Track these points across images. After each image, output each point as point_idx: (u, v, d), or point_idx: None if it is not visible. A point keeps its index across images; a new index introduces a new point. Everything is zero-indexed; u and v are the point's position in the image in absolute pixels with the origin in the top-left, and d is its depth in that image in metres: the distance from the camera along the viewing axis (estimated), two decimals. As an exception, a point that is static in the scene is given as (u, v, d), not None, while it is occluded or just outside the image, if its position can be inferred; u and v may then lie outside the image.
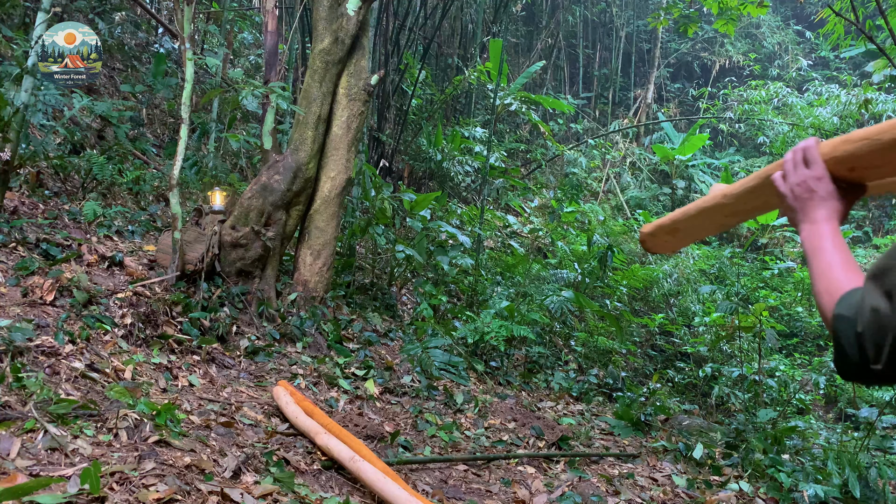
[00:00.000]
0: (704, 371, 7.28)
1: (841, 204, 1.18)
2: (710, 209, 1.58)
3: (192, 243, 5.10)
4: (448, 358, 5.71)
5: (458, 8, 13.31)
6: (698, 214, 1.63)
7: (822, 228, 1.17)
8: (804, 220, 1.20)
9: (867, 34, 4.45)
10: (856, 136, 1.17)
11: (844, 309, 1.01)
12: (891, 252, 1.00)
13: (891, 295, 0.94)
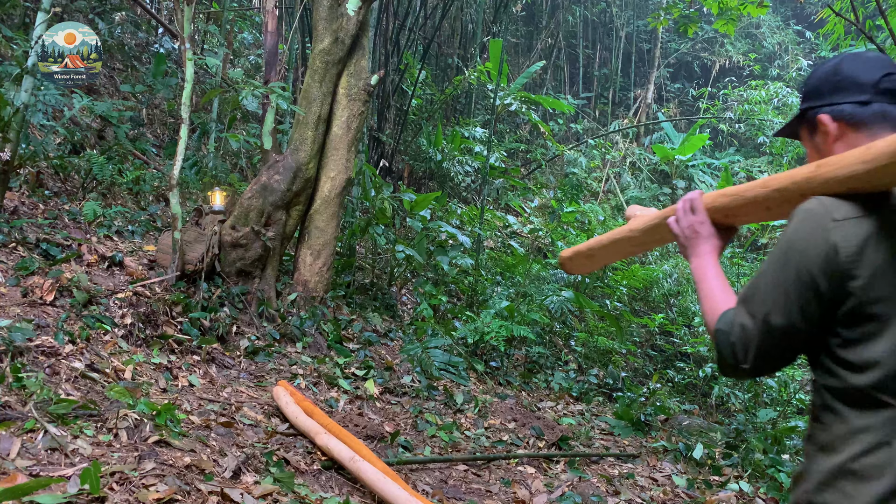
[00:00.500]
0: (704, 371, 7.28)
1: (719, 241, 1.51)
2: (620, 240, 1.89)
3: (192, 243, 5.11)
4: (448, 358, 5.71)
5: (458, 8, 13.31)
6: (610, 244, 1.94)
7: (706, 261, 1.48)
8: (692, 255, 1.52)
9: (867, 34, 4.45)
10: (728, 192, 1.49)
11: (723, 325, 1.32)
12: (754, 280, 1.30)
13: (754, 316, 1.27)
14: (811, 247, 1.22)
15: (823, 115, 1.37)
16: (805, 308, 1.23)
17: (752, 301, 1.29)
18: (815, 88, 1.41)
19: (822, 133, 1.38)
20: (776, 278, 1.26)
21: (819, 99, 1.39)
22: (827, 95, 1.37)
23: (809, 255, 1.22)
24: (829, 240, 1.20)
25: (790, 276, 1.24)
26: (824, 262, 1.20)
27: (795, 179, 1.34)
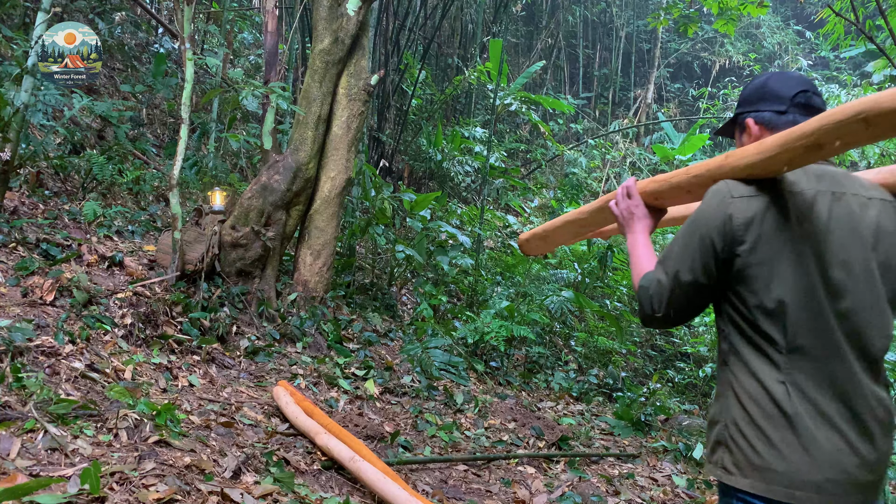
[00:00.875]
0: (704, 371, 7.28)
1: (651, 220, 1.84)
2: (570, 221, 2.22)
3: (192, 243, 5.11)
4: (448, 358, 5.71)
5: (458, 8, 13.31)
6: (562, 225, 2.27)
7: (638, 238, 1.81)
8: (628, 232, 1.84)
9: (867, 34, 4.45)
10: (657, 179, 1.79)
11: (644, 281, 1.63)
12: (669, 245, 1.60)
13: (667, 273, 1.57)
14: (713, 217, 1.51)
15: (749, 119, 1.68)
16: (706, 266, 1.52)
17: (666, 261, 1.59)
18: (746, 98, 1.72)
19: (748, 133, 1.68)
20: (686, 242, 1.56)
21: (748, 106, 1.70)
22: (754, 104, 1.69)
23: (711, 223, 1.51)
24: (727, 211, 1.49)
25: (696, 240, 1.53)
26: (721, 228, 1.49)
27: (709, 167, 1.65)
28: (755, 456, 1.45)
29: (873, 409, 1.46)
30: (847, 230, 1.49)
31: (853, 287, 1.48)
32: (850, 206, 1.51)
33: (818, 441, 1.42)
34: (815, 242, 1.47)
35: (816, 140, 1.37)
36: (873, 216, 1.52)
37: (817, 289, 1.46)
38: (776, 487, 1.43)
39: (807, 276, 1.46)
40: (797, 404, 1.43)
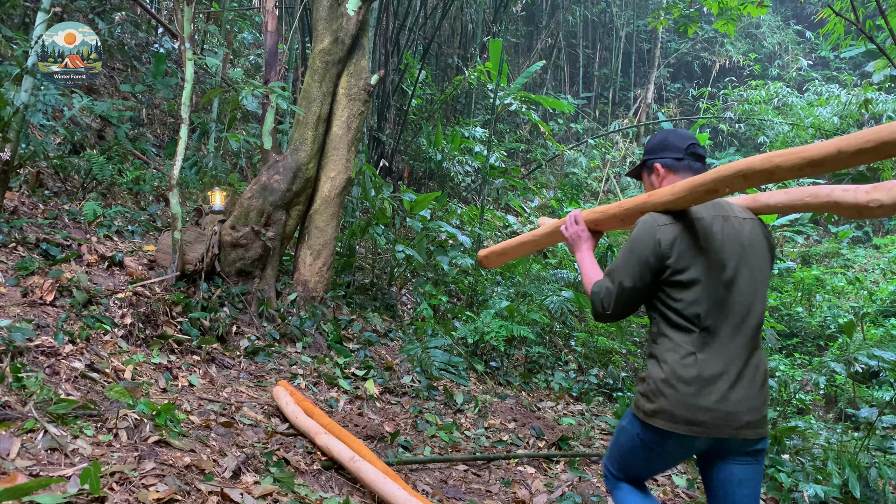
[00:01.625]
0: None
1: (593, 241, 2.44)
2: (525, 242, 2.81)
3: (192, 243, 5.10)
4: (448, 358, 5.71)
5: (458, 8, 13.31)
6: (519, 245, 2.84)
7: (585, 255, 2.40)
8: (577, 251, 2.45)
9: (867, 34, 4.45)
10: (597, 210, 2.41)
11: (595, 287, 2.19)
12: (614, 261, 2.14)
13: (613, 281, 2.13)
14: (646, 241, 2.08)
15: (658, 164, 2.29)
16: (643, 276, 2.09)
17: (613, 273, 2.15)
18: (652, 148, 2.33)
19: (656, 174, 2.30)
20: (627, 258, 2.11)
21: (654, 154, 2.31)
22: (659, 152, 2.30)
23: (645, 245, 2.08)
24: (656, 236, 2.07)
25: (634, 257, 2.09)
26: (654, 249, 2.06)
27: (637, 203, 2.22)
28: (667, 404, 2.05)
29: (755, 368, 2.09)
30: (735, 242, 2.10)
31: (740, 282, 2.08)
32: (734, 225, 2.13)
33: (714, 394, 2.02)
34: (715, 252, 2.06)
35: (713, 187, 1.99)
36: (748, 230, 2.15)
37: (719, 285, 2.05)
38: (680, 425, 2.04)
39: (712, 277, 2.05)
40: (704, 369, 2.03)
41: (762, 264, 2.14)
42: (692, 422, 2.02)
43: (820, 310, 11.04)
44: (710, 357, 2.03)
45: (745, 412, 2.03)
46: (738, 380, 2.04)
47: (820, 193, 2.12)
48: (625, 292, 2.11)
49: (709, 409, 2.01)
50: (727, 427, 2.02)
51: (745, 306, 2.07)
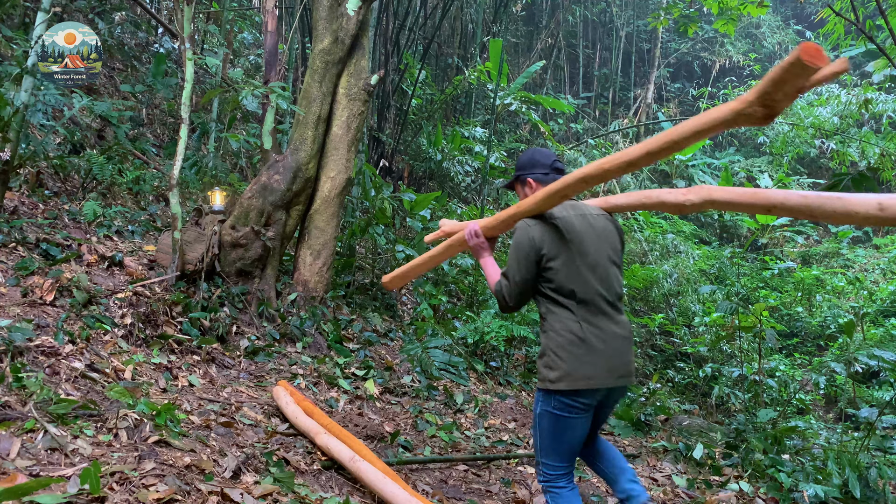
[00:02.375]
0: (704, 371, 7.28)
1: (491, 248, 2.92)
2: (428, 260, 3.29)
3: (192, 243, 5.10)
4: (448, 358, 5.71)
5: (458, 8, 13.31)
6: (422, 263, 3.32)
7: (487, 260, 2.86)
8: (479, 258, 2.91)
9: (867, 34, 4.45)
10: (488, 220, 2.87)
11: (497, 286, 2.65)
12: (508, 262, 2.61)
13: (508, 278, 2.59)
14: (524, 240, 2.56)
15: (530, 178, 2.78)
16: (529, 270, 2.56)
17: (508, 272, 2.61)
18: (523, 165, 2.82)
19: (529, 187, 2.78)
20: (516, 258, 2.57)
21: (526, 170, 2.80)
22: (530, 168, 2.79)
23: (524, 244, 2.56)
24: (529, 234, 2.56)
25: (521, 256, 2.56)
26: (531, 245, 2.55)
27: (511, 213, 2.72)
28: (563, 368, 2.48)
29: (623, 328, 2.59)
30: (592, 233, 2.60)
31: (601, 263, 2.58)
32: (590, 221, 2.64)
33: (598, 351, 2.49)
34: (578, 242, 2.56)
35: (564, 192, 2.50)
36: (601, 224, 2.67)
37: (585, 267, 2.55)
38: (580, 381, 2.46)
39: (579, 261, 2.54)
40: (586, 332, 2.50)
41: (616, 249, 2.69)
42: (589, 377, 2.46)
43: (820, 310, 11.04)
44: (590, 323, 2.51)
45: (621, 365, 2.54)
46: (612, 339, 2.53)
47: (651, 195, 2.68)
48: (519, 285, 2.58)
49: (597, 364, 2.47)
50: (611, 377, 2.50)
51: (609, 281, 2.59)
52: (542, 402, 2.56)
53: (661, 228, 12.04)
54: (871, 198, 1.93)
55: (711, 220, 14.94)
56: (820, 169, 16.70)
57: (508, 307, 2.65)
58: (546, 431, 2.58)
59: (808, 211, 2.10)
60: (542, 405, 2.56)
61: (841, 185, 3.86)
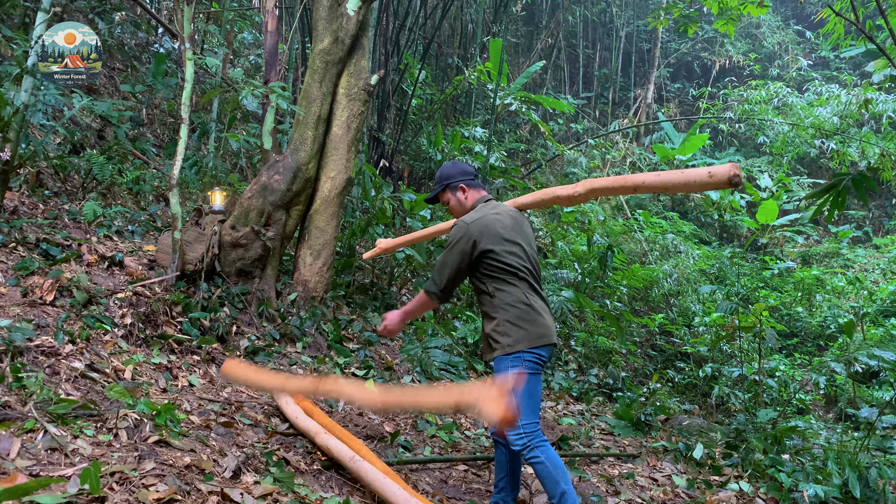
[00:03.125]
0: (704, 371, 7.28)
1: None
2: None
3: (192, 243, 5.10)
4: (448, 358, 5.71)
5: (458, 8, 13.31)
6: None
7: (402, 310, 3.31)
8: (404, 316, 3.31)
9: (867, 34, 4.45)
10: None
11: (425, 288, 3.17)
12: (441, 256, 3.12)
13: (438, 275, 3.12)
14: (462, 237, 3.02)
15: (462, 184, 3.26)
16: (462, 262, 3.03)
17: (438, 266, 3.10)
18: (453, 174, 3.27)
19: (461, 191, 3.26)
20: (450, 253, 3.05)
21: (456, 178, 3.26)
22: (459, 176, 3.27)
23: (461, 240, 3.02)
24: (469, 231, 3.02)
25: (456, 251, 3.03)
26: (467, 241, 3.01)
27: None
28: (522, 332, 2.95)
29: (546, 303, 3.13)
30: (515, 226, 3.13)
31: (526, 250, 3.11)
32: (512, 216, 3.18)
33: (543, 314, 3.02)
34: (508, 234, 3.06)
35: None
36: (519, 218, 3.23)
37: (519, 251, 3.06)
38: (535, 340, 2.95)
39: (514, 247, 3.05)
40: (532, 302, 3.00)
41: (533, 238, 3.24)
42: (542, 335, 2.97)
43: (820, 310, 11.04)
44: (530, 295, 3.02)
45: (554, 327, 3.09)
46: (545, 307, 3.09)
47: (548, 192, 3.42)
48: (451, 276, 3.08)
49: (546, 325, 3.00)
50: (554, 335, 3.03)
51: (535, 263, 3.14)
52: (512, 364, 2.93)
53: (661, 228, 12.04)
54: (703, 169, 2.77)
55: (711, 220, 14.94)
56: (820, 169, 16.71)
57: (438, 295, 3.10)
58: (525, 393, 2.90)
59: (662, 185, 2.98)
60: (511, 365, 2.93)
61: (841, 184, 3.86)
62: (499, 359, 2.97)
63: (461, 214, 3.21)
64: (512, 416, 2.29)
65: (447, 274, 3.05)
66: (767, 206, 13.17)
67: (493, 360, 3.02)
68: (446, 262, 3.05)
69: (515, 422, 2.68)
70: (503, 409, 2.26)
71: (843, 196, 3.87)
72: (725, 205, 14.30)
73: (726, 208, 14.38)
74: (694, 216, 14.93)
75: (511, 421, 2.33)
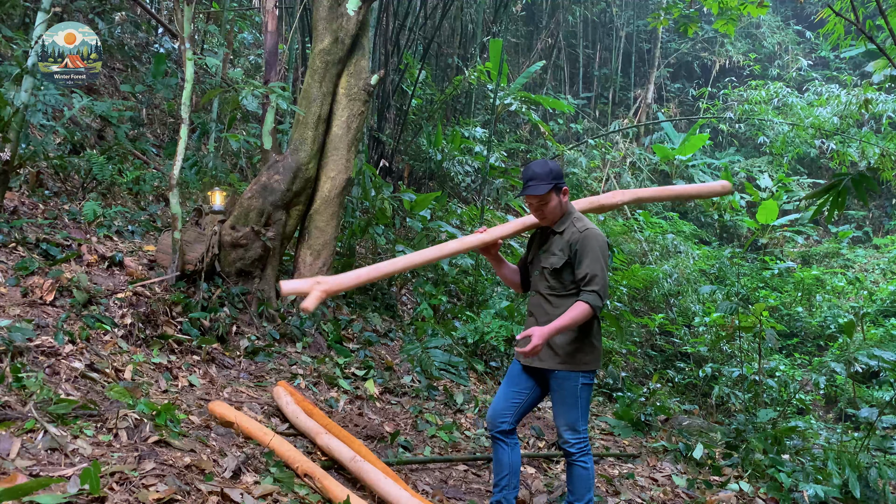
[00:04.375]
0: (704, 371, 7.28)
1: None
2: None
3: (192, 243, 5.10)
4: (448, 358, 5.71)
5: (458, 8, 13.31)
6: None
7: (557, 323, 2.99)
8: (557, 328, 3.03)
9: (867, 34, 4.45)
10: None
11: (591, 303, 2.95)
12: (599, 267, 2.98)
13: (600, 282, 2.97)
14: (604, 243, 3.06)
15: (566, 187, 3.08)
16: None
17: (598, 273, 3.00)
18: (559, 174, 3.04)
19: (564, 194, 3.07)
20: (603, 262, 2.99)
21: (560, 179, 3.03)
22: (562, 178, 3.05)
23: (604, 247, 3.05)
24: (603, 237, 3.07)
25: (604, 259, 3.00)
26: (606, 246, 3.06)
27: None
28: (598, 351, 3.10)
29: None
30: None
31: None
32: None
33: None
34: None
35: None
36: None
37: None
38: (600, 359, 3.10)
39: None
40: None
41: None
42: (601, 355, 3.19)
43: (820, 310, 11.04)
44: None
45: None
46: None
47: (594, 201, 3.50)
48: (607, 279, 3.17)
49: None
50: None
51: None
52: (584, 380, 3.04)
53: (662, 228, 12.04)
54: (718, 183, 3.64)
55: (711, 220, 14.94)
56: (820, 169, 16.71)
57: (602, 304, 2.95)
58: (585, 402, 3.08)
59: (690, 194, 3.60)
60: (582, 380, 3.03)
61: (841, 184, 3.86)
62: (567, 373, 3.02)
63: (556, 217, 3.08)
64: None
65: (606, 277, 2.97)
66: (767, 207, 13.18)
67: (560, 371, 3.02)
68: (605, 273, 2.94)
69: None
70: None
71: (843, 196, 3.87)
72: (725, 205, 14.30)
73: (726, 208, 14.38)
74: (694, 216, 14.93)
75: None
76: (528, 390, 3.17)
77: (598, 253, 2.91)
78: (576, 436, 3.05)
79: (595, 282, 2.90)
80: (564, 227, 3.05)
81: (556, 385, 3.07)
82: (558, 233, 3.07)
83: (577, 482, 3.08)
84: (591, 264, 2.91)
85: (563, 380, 3.03)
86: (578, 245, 2.95)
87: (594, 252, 2.91)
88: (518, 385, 3.19)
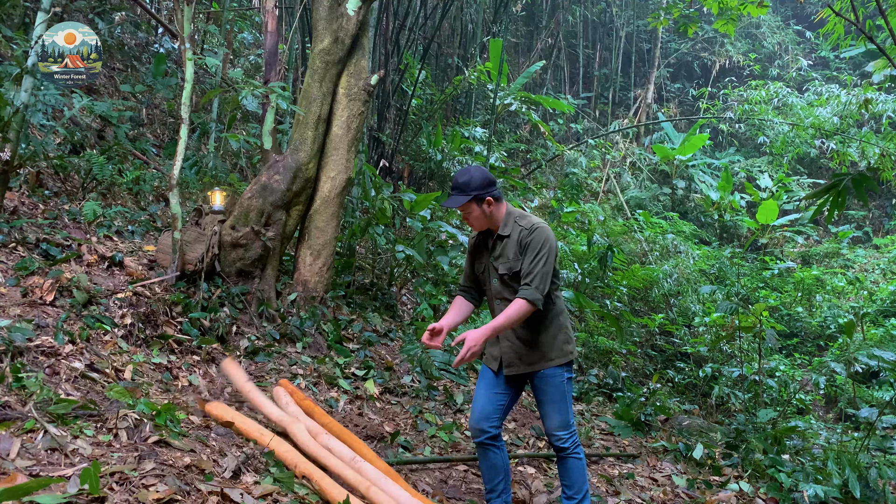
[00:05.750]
0: (704, 371, 7.28)
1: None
2: None
3: (192, 243, 5.10)
4: (448, 358, 5.71)
5: (458, 8, 13.31)
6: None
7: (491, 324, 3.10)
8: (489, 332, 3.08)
9: (867, 34, 4.45)
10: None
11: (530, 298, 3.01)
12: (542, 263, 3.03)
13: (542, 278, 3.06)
14: (552, 239, 3.09)
15: (490, 196, 3.03)
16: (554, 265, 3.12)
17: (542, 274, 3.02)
18: (483, 183, 3.02)
19: (487, 204, 3.04)
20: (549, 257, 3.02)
21: (486, 189, 3.01)
22: (488, 187, 3.02)
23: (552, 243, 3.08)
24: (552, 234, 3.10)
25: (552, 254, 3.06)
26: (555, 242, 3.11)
27: None
28: (574, 338, 3.25)
29: None
30: None
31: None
32: None
33: None
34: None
35: None
36: None
37: None
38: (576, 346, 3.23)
39: None
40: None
41: None
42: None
43: (820, 310, 11.04)
44: None
45: None
46: None
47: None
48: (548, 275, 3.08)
49: None
50: None
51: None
52: (566, 372, 3.14)
53: (661, 228, 12.04)
54: None
55: (711, 220, 14.94)
56: (820, 169, 16.71)
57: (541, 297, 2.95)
58: (570, 395, 3.16)
59: None
60: (566, 374, 3.13)
61: (841, 185, 3.86)
62: (554, 370, 3.11)
63: (483, 225, 3.11)
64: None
65: (549, 280, 2.99)
66: (767, 207, 13.18)
67: (547, 369, 3.10)
68: (548, 268, 2.97)
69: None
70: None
71: (843, 196, 3.87)
72: (725, 205, 14.30)
73: (726, 208, 14.38)
74: (694, 216, 14.93)
75: None
76: (509, 391, 3.23)
77: (539, 248, 2.96)
78: (567, 431, 3.13)
79: (532, 276, 2.95)
80: (510, 230, 3.07)
81: (541, 384, 3.14)
82: (506, 236, 3.08)
83: (573, 474, 3.13)
84: (532, 260, 2.96)
85: (550, 377, 3.12)
86: (527, 241, 3.01)
87: (535, 248, 2.96)
88: (498, 387, 3.21)
